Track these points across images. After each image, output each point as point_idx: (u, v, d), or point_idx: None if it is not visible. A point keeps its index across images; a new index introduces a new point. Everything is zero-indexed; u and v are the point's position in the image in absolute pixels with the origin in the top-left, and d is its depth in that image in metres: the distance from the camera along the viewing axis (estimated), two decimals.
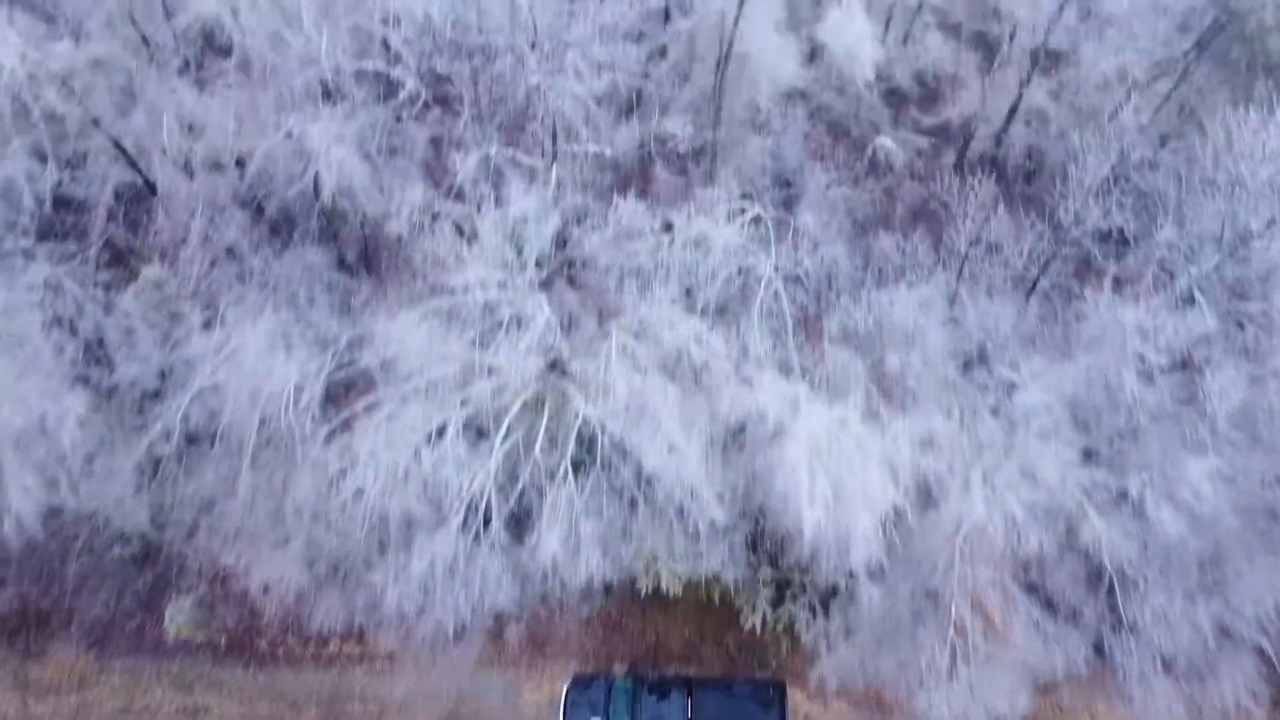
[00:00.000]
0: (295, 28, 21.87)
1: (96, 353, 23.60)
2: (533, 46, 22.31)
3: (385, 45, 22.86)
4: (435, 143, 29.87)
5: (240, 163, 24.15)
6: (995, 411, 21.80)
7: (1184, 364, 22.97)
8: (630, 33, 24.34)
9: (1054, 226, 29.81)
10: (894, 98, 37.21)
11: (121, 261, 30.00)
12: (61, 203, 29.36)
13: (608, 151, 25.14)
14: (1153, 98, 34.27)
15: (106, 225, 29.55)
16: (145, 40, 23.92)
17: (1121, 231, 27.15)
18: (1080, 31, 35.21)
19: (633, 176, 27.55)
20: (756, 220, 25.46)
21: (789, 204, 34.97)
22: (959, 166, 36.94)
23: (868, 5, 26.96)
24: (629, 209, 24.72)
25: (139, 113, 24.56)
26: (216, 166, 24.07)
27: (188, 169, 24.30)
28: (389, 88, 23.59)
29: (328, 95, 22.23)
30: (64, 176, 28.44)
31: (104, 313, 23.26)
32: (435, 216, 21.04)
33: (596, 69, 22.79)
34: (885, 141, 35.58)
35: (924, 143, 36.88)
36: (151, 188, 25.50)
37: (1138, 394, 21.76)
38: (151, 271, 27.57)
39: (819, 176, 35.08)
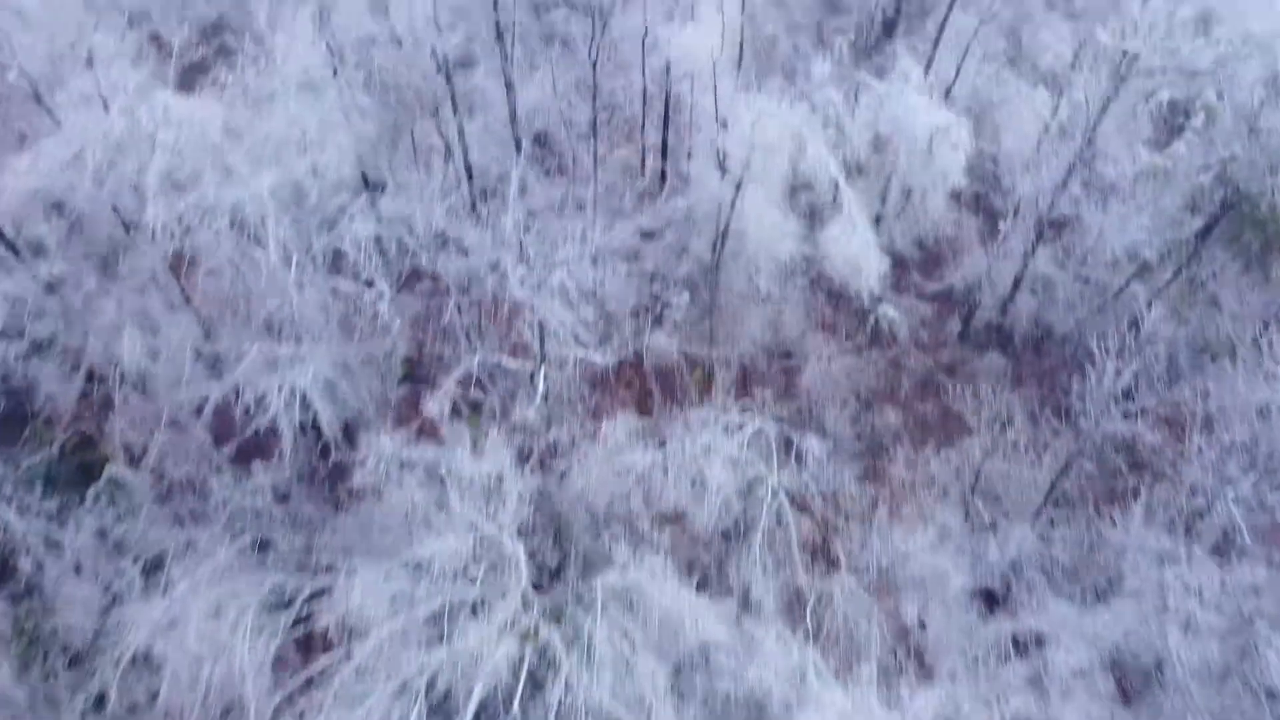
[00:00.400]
0: (264, 245, 19.60)
1: (31, 583, 20.74)
2: (517, 265, 20.04)
3: (357, 269, 20.64)
4: (417, 327, 27.65)
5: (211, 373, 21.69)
6: (1030, 681, 18.81)
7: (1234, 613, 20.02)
8: (622, 250, 22.15)
9: (1071, 422, 27.26)
10: (894, 262, 34.99)
11: (89, 444, 27.41)
12: (26, 391, 26.97)
13: (598, 358, 22.71)
14: (1163, 272, 32.10)
15: (77, 408, 27.10)
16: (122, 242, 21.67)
17: (1149, 445, 24.54)
18: (1083, 201, 33.31)
19: (625, 383, 25.15)
20: (758, 433, 22.90)
21: (790, 375, 32.67)
22: (965, 335, 34.59)
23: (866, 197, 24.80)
24: (620, 426, 22.20)
25: (105, 315, 22.22)
26: (178, 382, 21.62)
27: (147, 385, 21.84)
28: (364, 303, 21.29)
29: (296, 322, 19.91)
30: (27, 368, 26.12)
31: (45, 547, 20.49)
32: (404, 465, 18.53)
33: (588, 289, 20.48)
34: (888, 310, 33.25)
35: (927, 310, 34.52)
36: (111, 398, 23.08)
37: (1184, 655, 18.81)
38: (115, 469, 25.00)
39: (821, 348, 32.80)
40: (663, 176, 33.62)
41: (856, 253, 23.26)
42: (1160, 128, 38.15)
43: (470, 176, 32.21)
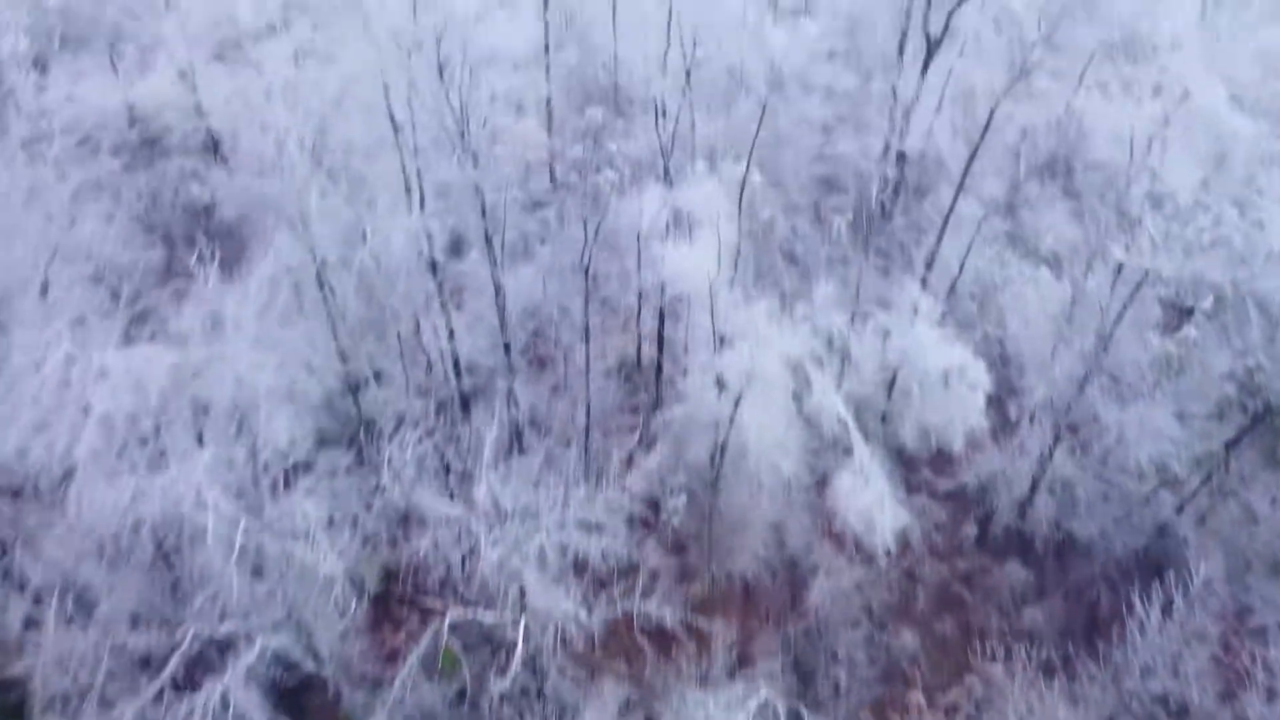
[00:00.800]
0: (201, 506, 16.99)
1: None
2: (490, 529, 17.48)
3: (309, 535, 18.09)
4: (387, 553, 24.90)
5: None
6: None
7: None
8: (612, 504, 19.67)
9: (1108, 665, 24.11)
10: (902, 458, 32.40)
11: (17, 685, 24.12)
12: None
13: (584, 616, 19.83)
14: (1191, 479, 29.50)
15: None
16: None
17: (1201, 711, 21.37)
18: (1099, 399, 31.07)
19: (615, 641, 22.25)
20: (764, 707, 19.80)
21: (796, 589, 29.65)
22: (982, 540, 31.65)
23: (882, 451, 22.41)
24: (609, 697, 19.14)
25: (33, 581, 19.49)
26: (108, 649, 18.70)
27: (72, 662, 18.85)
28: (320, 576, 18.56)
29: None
30: None
31: None
32: None
33: (573, 546, 17.88)
34: (900, 513, 30.58)
35: (941, 512, 31.68)
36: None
37: None
38: None
39: (829, 558, 29.85)
40: (659, 370, 31.50)
41: (870, 506, 20.68)
42: (1169, 311, 36.38)
43: (459, 374, 30.09)
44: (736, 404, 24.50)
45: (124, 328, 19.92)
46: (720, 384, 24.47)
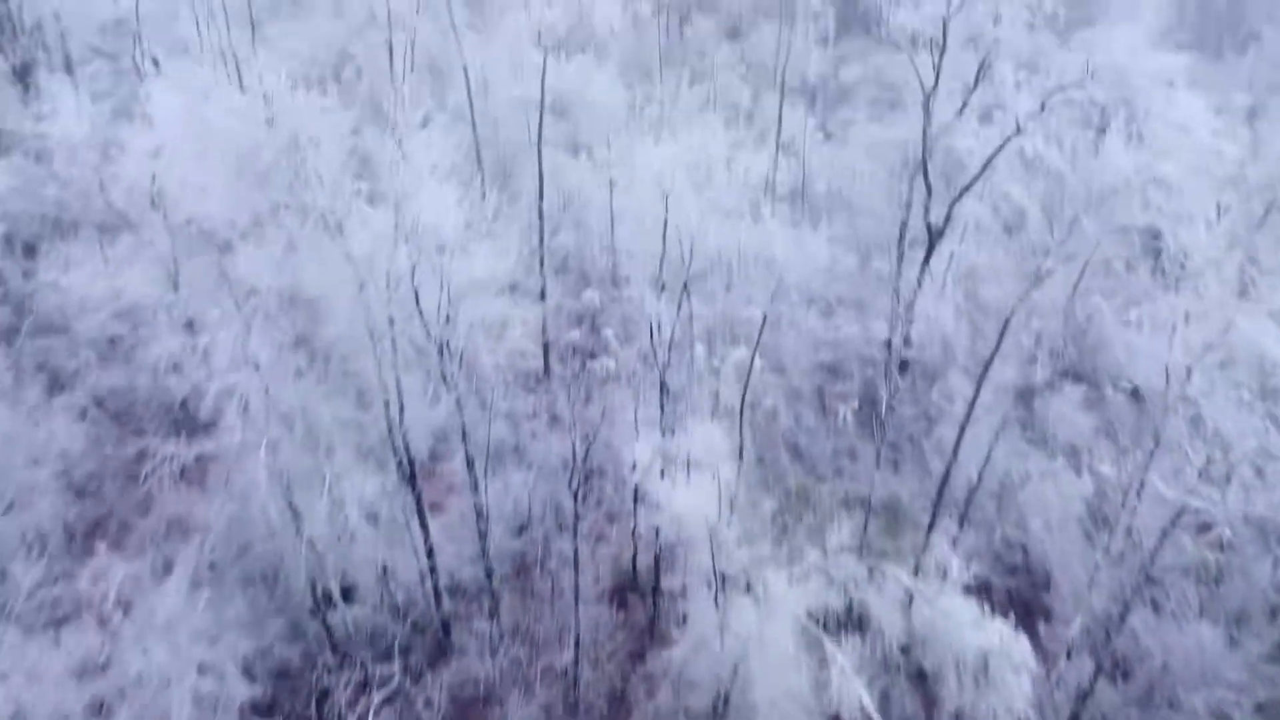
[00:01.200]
0: None
1: None
2: None
3: None
4: None
5: None
6: None
7: None
8: None
9: None
10: (923, 684, 28.47)
11: None
12: None
13: None
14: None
15: None
16: None
17: None
18: (1139, 621, 27.57)
19: None
20: None
21: None
22: None
23: None
24: None
25: None
26: None
27: None
28: None
29: None
30: None
31: None
32: None
33: None
34: None
35: None
36: None
37: None
38: None
39: None
40: (655, 590, 28.16)
41: None
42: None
43: (439, 599, 26.77)
44: (739, 663, 21.17)
45: (50, 600, 16.94)
46: (722, 631, 21.20)
